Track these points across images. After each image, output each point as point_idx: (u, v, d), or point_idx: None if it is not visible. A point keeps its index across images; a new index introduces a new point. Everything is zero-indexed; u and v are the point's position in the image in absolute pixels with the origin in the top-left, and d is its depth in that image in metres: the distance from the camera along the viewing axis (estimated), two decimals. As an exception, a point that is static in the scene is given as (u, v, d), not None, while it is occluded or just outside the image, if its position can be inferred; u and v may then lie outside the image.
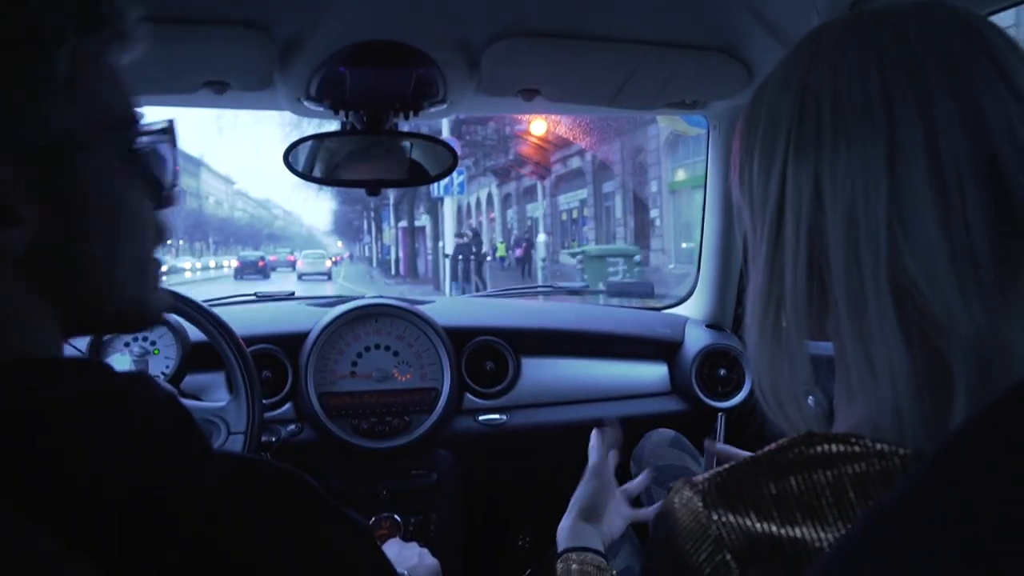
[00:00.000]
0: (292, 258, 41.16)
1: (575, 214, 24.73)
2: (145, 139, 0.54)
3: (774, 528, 0.48)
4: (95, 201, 0.49)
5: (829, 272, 0.51)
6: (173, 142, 0.56)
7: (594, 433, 1.20)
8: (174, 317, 1.53)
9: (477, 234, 16.12)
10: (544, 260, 14.61)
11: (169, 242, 0.60)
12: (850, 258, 0.49)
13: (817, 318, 0.54)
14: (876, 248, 0.48)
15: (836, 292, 0.50)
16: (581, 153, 19.62)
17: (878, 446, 0.47)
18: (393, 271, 28.32)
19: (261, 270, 33.04)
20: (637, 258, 13.30)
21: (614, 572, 0.94)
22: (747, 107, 0.58)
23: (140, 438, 0.44)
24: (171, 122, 0.56)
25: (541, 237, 14.41)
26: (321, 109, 1.36)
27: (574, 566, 0.92)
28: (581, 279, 11.38)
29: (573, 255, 14.57)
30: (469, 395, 1.78)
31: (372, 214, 34.88)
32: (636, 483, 1.18)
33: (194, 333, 1.52)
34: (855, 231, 0.49)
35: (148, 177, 0.54)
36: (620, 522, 1.08)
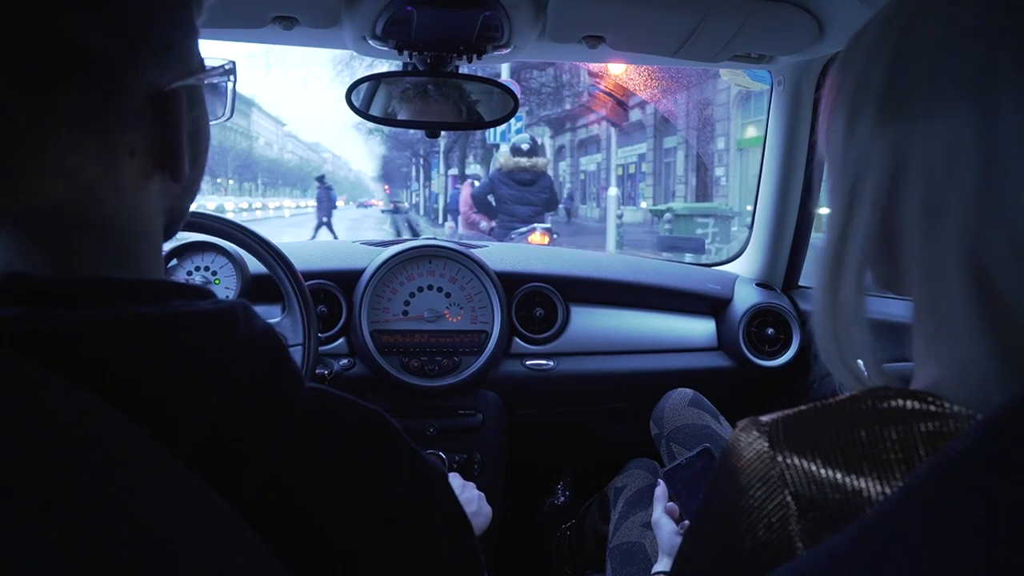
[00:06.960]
0: (341, 202, 51.93)
1: (631, 169, 24.30)
2: (216, 78, 0.57)
3: (839, 475, 0.47)
4: (205, 129, 0.55)
5: (901, 244, 0.50)
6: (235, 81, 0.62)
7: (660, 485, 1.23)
8: (235, 248, 1.57)
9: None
10: (620, 217, 12.97)
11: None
12: (928, 232, 0.48)
13: (887, 281, 0.54)
14: (954, 224, 0.47)
15: (910, 260, 0.49)
16: (642, 105, 19.13)
17: (955, 408, 0.46)
18: (440, 220, 28.27)
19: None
20: (732, 217, 12.20)
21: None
22: (838, 62, 0.56)
23: (240, 364, 0.45)
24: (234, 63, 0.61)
25: (612, 191, 12.84)
26: (385, 49, 1.36)
27: None
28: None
29: (657, 213, 13.44)
30: (518, 340, 1.81)
31: (421, 161, 34.86)
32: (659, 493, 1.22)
33: (253, 266, 1.56)
34: (933, 205, 0.48)
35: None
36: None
